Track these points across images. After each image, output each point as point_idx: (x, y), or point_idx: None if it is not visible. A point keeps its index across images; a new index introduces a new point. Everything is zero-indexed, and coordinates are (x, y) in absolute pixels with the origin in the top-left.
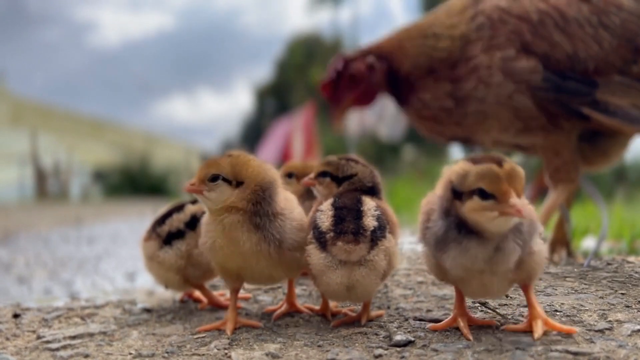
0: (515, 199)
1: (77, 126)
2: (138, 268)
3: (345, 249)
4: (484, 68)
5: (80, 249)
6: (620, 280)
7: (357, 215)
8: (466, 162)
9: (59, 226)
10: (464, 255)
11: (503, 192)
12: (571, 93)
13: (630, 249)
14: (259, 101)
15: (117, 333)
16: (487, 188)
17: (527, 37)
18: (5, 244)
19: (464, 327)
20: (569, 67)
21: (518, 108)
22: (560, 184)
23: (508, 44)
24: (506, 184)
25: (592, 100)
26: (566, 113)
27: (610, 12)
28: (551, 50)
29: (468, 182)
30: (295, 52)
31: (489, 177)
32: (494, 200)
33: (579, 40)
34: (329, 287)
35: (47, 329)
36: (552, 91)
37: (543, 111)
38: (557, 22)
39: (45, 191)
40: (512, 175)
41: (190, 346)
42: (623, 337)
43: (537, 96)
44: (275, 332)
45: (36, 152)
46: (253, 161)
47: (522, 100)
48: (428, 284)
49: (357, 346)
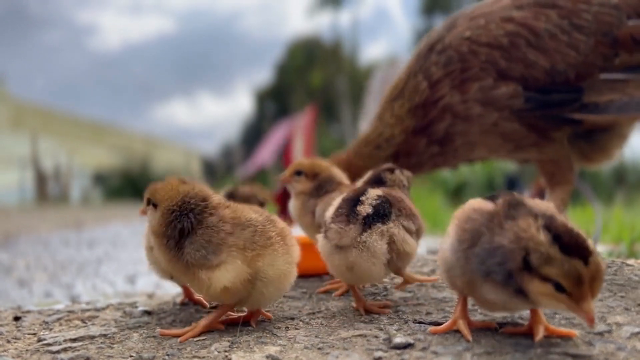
0: (589, 305)
1: (77, 129)
2: (138, 271)
3: (337, 231)
4: (457, 104)
5: (81, 252)
6: (620, 283)
7: (354, 203)
8: (542, 228)
9: (59, 229)
10: (514, 302)
11: (581, 295)
12: (558, 105)
13: (629, 251)
14: (259, 104)
15: (118, 336)
16: (566, 287)
17: (502, 64)
18: (6, 247)
19: (465, 329)
20: (549, 82)
21: (506, 133)
22: (557, 187)
23: (484, 74)
24: (587, 286)
25: (581, 105)
26: (556, 125)
27: (581, 10)
28: (528, 71)
29: (546, 269)
30: (295, 56)
31: (571, 277)
32: (567, 296)
33: (554, 53)
34: (334, 269)
35: (47, 331)
36: (537, 109)
37: (532, 129)
38: (529, 40)
39: (45, 194)
40: (595, 278)
41: (190, 349)
42: (622, 340)
43: (524, 117)
44: (275, 335)
45: (37, 155)
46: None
47: (508, 126)
48: (428, 287)
49: (357, 349)
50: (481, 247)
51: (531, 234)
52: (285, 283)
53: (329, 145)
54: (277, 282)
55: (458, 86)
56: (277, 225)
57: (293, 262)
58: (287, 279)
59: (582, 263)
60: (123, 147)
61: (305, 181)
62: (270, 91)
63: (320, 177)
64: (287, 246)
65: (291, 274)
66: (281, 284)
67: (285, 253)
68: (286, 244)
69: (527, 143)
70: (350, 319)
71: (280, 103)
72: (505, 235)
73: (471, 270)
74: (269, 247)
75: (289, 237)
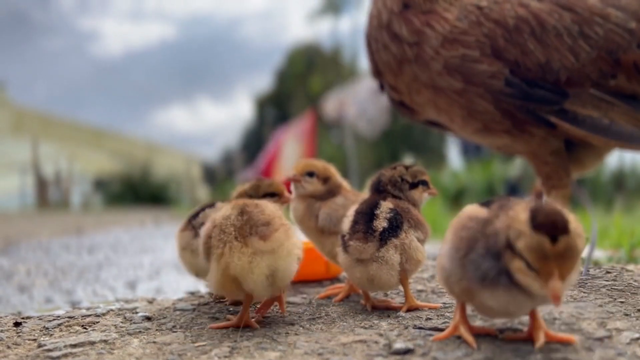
0: (555, 282)
1: (78, 135)
2: (139, 276)
3: (357, 248)
4: (433, 51)
5: (81, 257)
6: (620, 289)
7: (369, 218)
8: (528, 210)
9: (59, 235)
10: (511, 303)
11: (547, 272)
12: (538, 101)
13: (629, 257)
14: (259, 110)
15: (118, 341)
16: (532, 263)
17: (500, 42)
18: (6, 252)
19: (468, 336)
20: (539, 77)
21: (472, 108)
22: (554, 190)
23: (476, 45)
24: (553, 264)
25: (560, 109)
26: (534, 120)
27: (595, 22)
28: (522, 57)
29: (519, 246)
30: (295, 62)
31: (535, 252)
32: (536, 273)
33: (553, 50)
34: (356, 280)
35: (48, 337)
36: (517, 98)
37: (507, 116)
38: (534, 30)
39: (46, 200)
40: (564, 257)
41: (191, 354)
42: (622, 346)
43: (500, 101)
44: (275, 341)
45: (37, 160)
46: None
47: (479, 103)
48: (427, 292)
49: (357, 354)
50: (476, 253)
51: (516, 214)
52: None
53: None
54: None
55: (448, 40)
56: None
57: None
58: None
59: (549, 240)
60: (124, 152)
61: (317, 183)
62: (270, 97)
63: (330, 181)
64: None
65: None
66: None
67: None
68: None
69: (498, 128)
70: (350, 325)
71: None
72: (497, 225)
73: (468, 278)
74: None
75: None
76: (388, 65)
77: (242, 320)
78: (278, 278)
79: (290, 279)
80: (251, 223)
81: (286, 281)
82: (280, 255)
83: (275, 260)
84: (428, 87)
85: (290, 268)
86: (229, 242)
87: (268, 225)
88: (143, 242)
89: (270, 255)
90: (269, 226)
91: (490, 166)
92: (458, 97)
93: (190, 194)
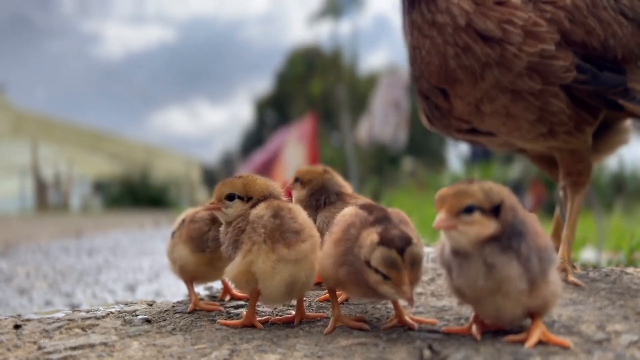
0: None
1: (77, 138)
2: (138, 279)
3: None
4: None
5: (81, 260)
6: (619, 292)
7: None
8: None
9: (59, 237)
10: (465, 276)
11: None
12: (608, 84)
13: (628, 260)
14: (259, 113)
15: (118, 344)
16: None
17: (566, 25)
18: (6, 255)
19: (477, 333)
20: (601, 56)
21: (546, 111)
22: (582, 188)
23: (548, 36)
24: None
25: (624, 89)
26: (605, 105)
27: None
28: (588, 37)
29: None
30: (295, 64)
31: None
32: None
33: (607, 25)
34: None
35: (48, 339)
36: (590, 84)
37: (582, 108)
38: (588, 5)
39: (45, 202)
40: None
41: (190, 357)
42: (621, 348)
43: (574, 95)
44: (275, 343)
45: (37, 163)
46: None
47: (554, 103)
48: (427, 295)
49: (356, 357)
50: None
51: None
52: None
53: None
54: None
55: (528, 35)
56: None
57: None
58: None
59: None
60: (123, 155)
61: (300, 189)
62: (270, 100)
63: (312, 184)
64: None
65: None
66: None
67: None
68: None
69: (561, 130)
70: (350, 328)
71: (280, 112)
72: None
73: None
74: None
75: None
76: (470, 71)
77: (250, 320)
78: (297, 288)
79: (307, 291)
80: (282, 229)
81: (303, 292)
82: (302, 267)
83: (298, 272)
84: (506, 92)
85: (310, 281)
86: (257, 243)
87: (297, 234)
88: (142, 244)
89: (293, 265)
90: (298, 235)
91: (490, 169)
92: (534, 100)
93: (189, 197)
